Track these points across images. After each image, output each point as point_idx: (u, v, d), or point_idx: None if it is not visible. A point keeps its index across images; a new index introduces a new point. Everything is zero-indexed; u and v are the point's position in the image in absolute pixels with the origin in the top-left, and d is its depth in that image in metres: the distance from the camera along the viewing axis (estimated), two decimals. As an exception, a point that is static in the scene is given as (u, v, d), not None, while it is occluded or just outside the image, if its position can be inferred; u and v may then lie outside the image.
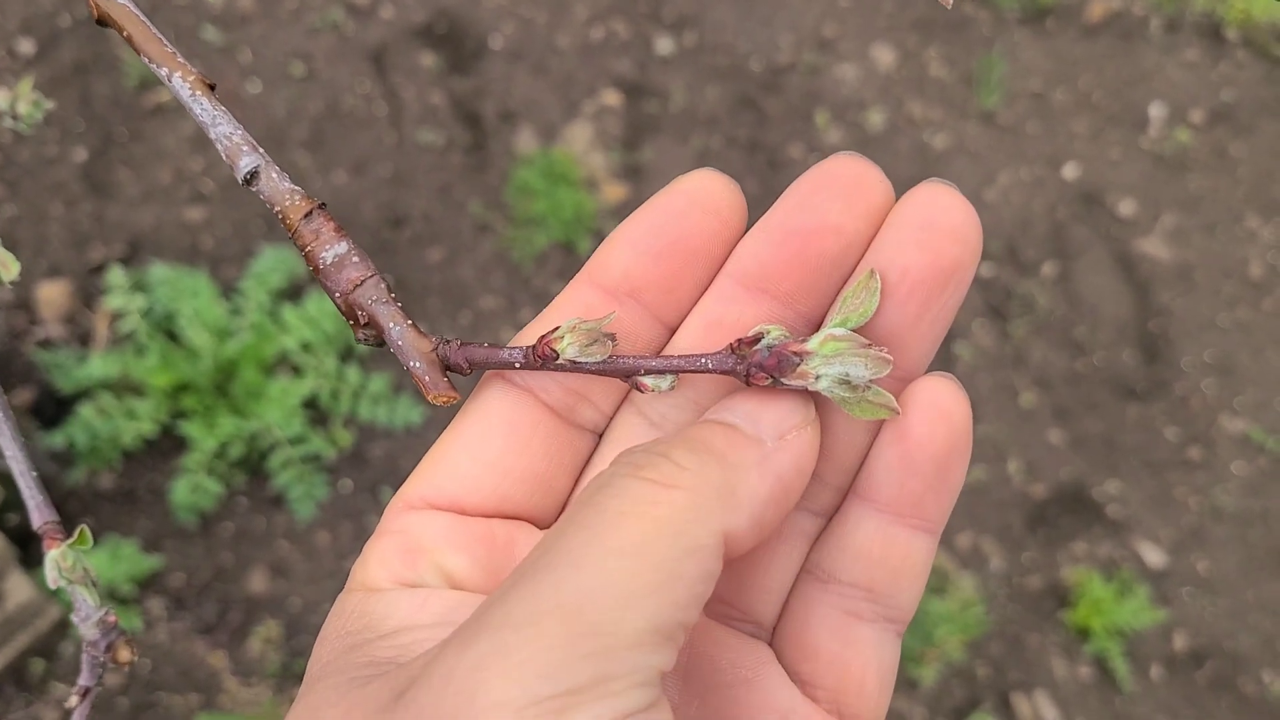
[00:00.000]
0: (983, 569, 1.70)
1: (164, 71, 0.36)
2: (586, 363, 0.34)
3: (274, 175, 0.35)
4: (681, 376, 0.34)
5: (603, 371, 0.34)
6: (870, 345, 0.32)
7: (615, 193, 1.86)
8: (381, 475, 1.63)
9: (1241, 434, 1.84)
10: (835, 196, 0.33)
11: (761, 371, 0.32)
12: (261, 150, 0.35)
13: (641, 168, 1.89)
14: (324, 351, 1.61)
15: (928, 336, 0.34)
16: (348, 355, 1.65)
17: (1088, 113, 2.05)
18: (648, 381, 0.34)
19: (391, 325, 0.35)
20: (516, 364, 0.34)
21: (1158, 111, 2.07)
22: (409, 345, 0.35)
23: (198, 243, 1.73)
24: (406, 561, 0.33)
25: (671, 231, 0.34)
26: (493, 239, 1.80)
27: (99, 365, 1.54)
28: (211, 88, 0.36)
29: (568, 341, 0.33)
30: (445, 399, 0.35)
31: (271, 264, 1.64)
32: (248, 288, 1.63)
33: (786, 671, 0.36)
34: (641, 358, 0.34)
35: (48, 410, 1.56)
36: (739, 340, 0.33)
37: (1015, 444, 1.79)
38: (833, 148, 1.94)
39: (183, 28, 1.86)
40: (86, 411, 1.52)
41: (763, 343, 0.32)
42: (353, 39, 1.90)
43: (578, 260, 1.77)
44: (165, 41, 0.36)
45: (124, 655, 0.41)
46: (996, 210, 1.95)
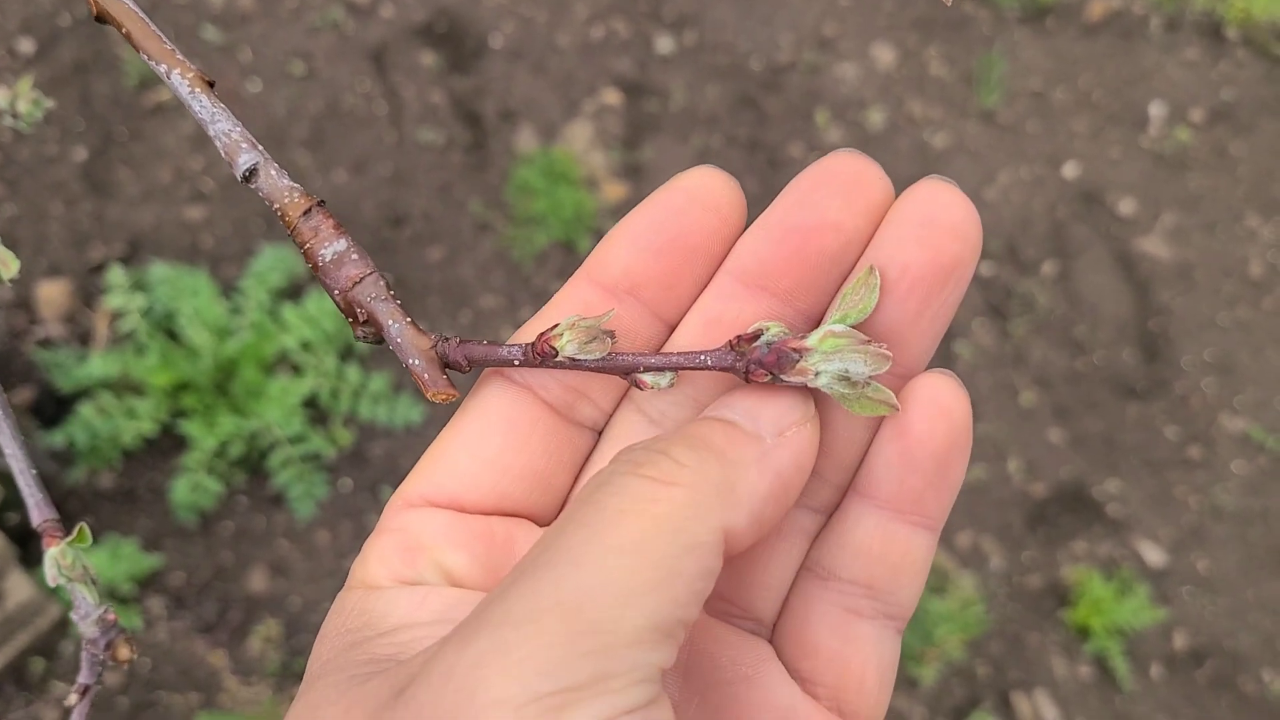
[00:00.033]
0: (983, 568, 1.70)
1: (163, 69, 0.36)
2: (585, 360, 0.34)
3: (273, 172, 0.35)
4: (681, 374, 0.34)
5: (602, 369, 0.34)
6: (870, 342, 0.32)
7: (615, 192, 1.86)
8: (381, 474, 1.63)
9: (1241, 433, 1.84)
10: (835, 193, 0.33)
11: (761, 368, 0.32)
12: (260, 147, 0.35)
13: (642, 167, 1.89)
14: (324, 350, 1.61)
15: (928, 333, 0.34)
16: (348, 354, 1.65)
17: (1088, 112, 2.05)
18: (647, 379, 0.34)
19: (390, 322, 0.35)
20: (516, 361, 0.34)
21: (1158, 110, 2.07)
22: (408, 342, 0.35)
23: (198, 242, 1.73)
24: (406, 559, 0.33)
25: (671, 228, 0.34)
26: (493, 238, 1.80)
27: (99, 364, 1.54)
28: (210, 85, 0.36)
29: (567, 339, 0.33)
30: (444, 396, 0.35)
31: (271, 263, 1.64)
32: (248, 287, 1.63)
33: (786, 669, 0.35)
34: (641, 355, 0.34)
35: (48, 409, 1.56)
36: (738, 337, 0.33)
37: (1015, 443, 1.79)
38: (833, 147, 1.93)
39: (183, 27, 1.86)
40: (86, 411, 1.52)
41: (762, 339, 0.32)
42: (353, 38, 1.90)
43: (578, 259, 1.76)
44: (164, 39, 0.36)
45: (123, 653, 0.41)
46: (996, 209, 1.95)
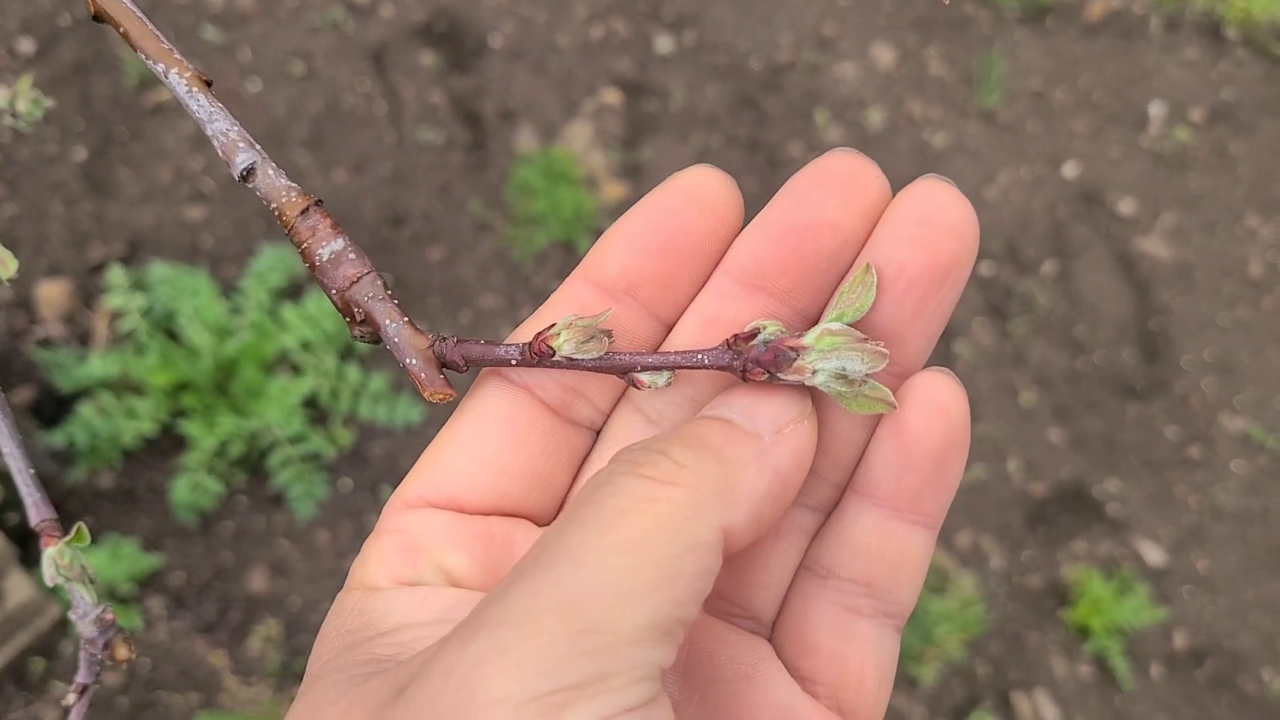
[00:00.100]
0: (983, 567, 1.70)
1: (160, 68, 0.36)
2: (583, 359, 0.34)
3: (270, 172, 0.35)
4: (678, 373, 0.34)
5: (599, 368, 0.34)
6: (867, 340, 0.32)
7: (615, 191, 1.86)
8: (381, 474, 1.63)
9: (1241, 433, 1.84)
10: (832, 193, 0.33)
11: (758, 367, 0.32)
12: (258, 147, 0.35)
13: (641, 166, 1.89)
14: (324, 350, 1.61)
15: (925, 332, 0.34)
16: (347, 354, 1.65)
17: (1088, 112, 2.05)
18: (644, 378, 0.34)
19: (388, 322, 0.35)
20: (513, 361, 0.34)
21: (1157, 110, 2.07)
22: (405, 342, 0.35)
23: (198, 242, 1.73)
24: (405, 560, 0.33)
25: (668, 228, 0.34)
26: (493, 238, 1.80)
27: (99, 364, 1.54)
28: (208, 84, 0.36)
29: (564, 338, 0.33)
30: (442, 396, 0.35)
31: (271, 263, 1.64)
32: (248, 286, 1.63)
33: (786, 667, 0.35)
34: (638, 354, 0.34)
35: (48, 409, 1.56)
36: (735, 336, 0.33)
37: (1015, 443, 1.79)
38: (832, 146, 1.93)
39: (182, 26, 1.86)
40: (86, 411, 1.52)
41: (759, 338, 0.32)
42: (353, 38, 1.90)
43: (577, 259, 1.76)
44: (162, 38, 0.36)
45: (122, 653, 0.41)
46: (996, 209, 1.95)
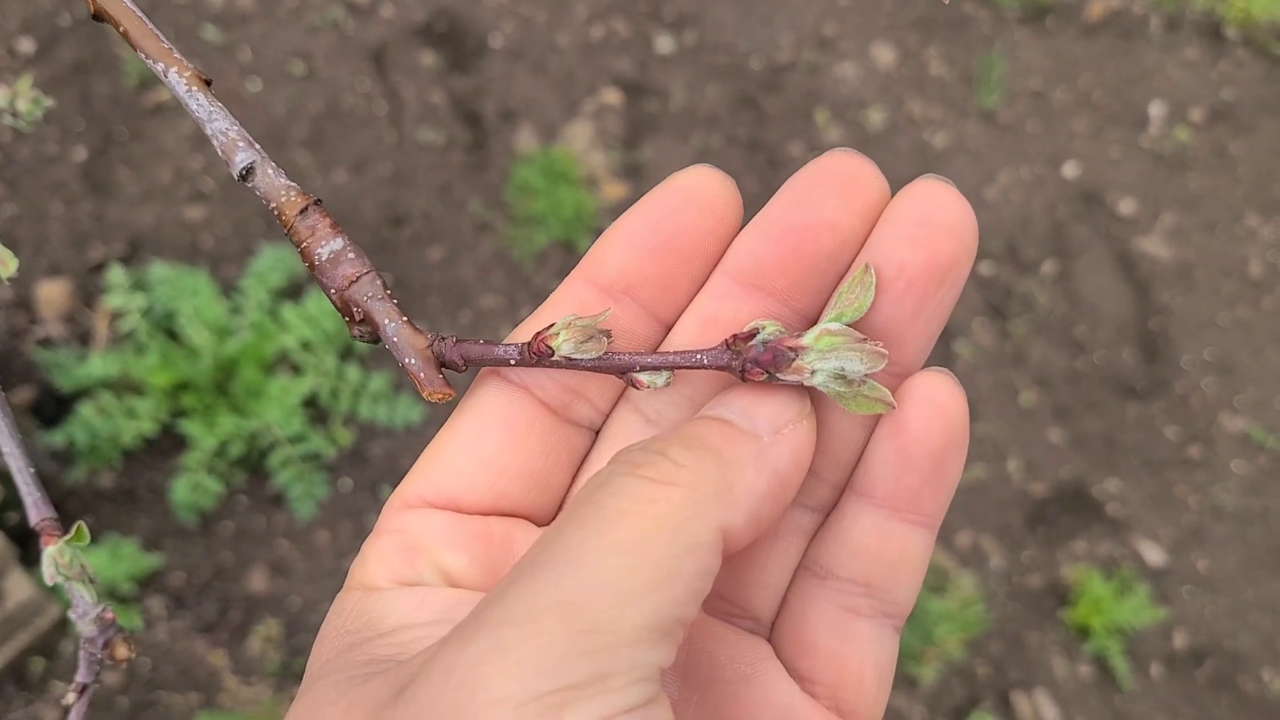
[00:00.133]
0: (982, 567, 1.70)
1: (160, 67, 0.36)
2: (582, 359, 0.34)
3: (269, 171, 0.35)
4: (677, 373, 0.34)
5: (598, 368, 0.34)
6: (866, 340, 0.32)
7: (615, 191, 1.86)
8: (381, 474, 1.63)
9: (1241, 432, 1.84)
10: (831, 193, 0.33)
11: (757, 367, 0.32)
12: (257, 146, 0.35)
13: (641, 166, 1.89)
14: (324, 350, 1.61)
15: (924, 332, 0.34)
16: (347, 354, 1.65)
17: (1088, 111, 2.05)
18: (643, 378, 0.34)
19: (387, 322, 0.35)
20: (512, 361, 0.34)
21: (1157, 110, 2.07)
22: (404, 342, 0.35)
23: (198, 241, 1.73)
24: (405, 560, 0.33)
25: (667, 228, 0.34)
26: (493, 238, 1.80)
27: (99, 364, 1.54)
28: (207, 83, 0.36)
29: (563, 338, 0.33)
30: (440, 396, 0.35)
31: (271, 263, 1.64)
32: (248, 286, 1.63)
33: (785, 667, 0.35)
34: (637, 354, 0.34)
35: (48, 409, 1.56)
36: (734, 336, 0.33)
37: (1015, 442, 1.79)
38: (832, 146, 1.93)
39: (182, 26, 1.86)
40: (86, 410, 1.52)
41: (758, 338, 0.32)
42: (353, 38, 1.90)
43: (578, 259, 1.76)
44: (161, 37, 0.36)
45: (121, 652, 0.41)
46: (996, 209, 1.95)
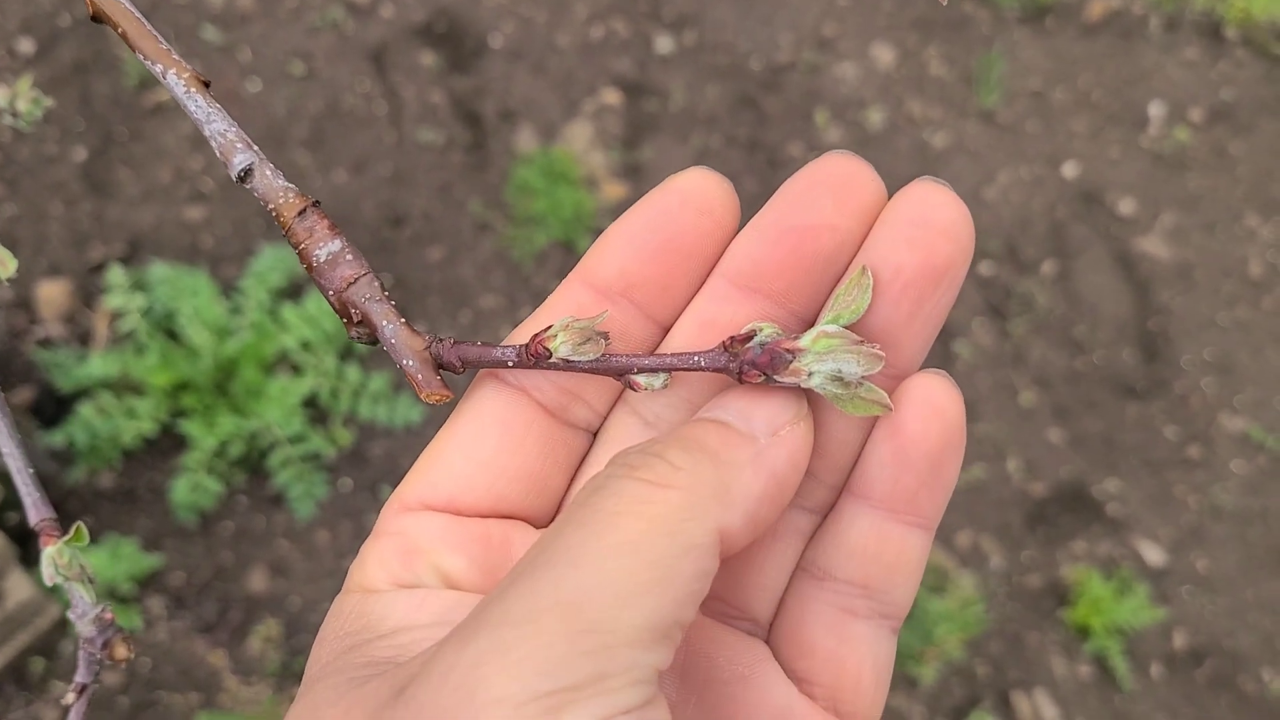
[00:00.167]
0: (982, 567, 1.70)
1: (159, 68, 0.36)
2: (579, 361, 0.34)
3: (268, 173, 0.35)
4: (675, 375, 0.34)
5: (595, 370, 0.34)
6: (863, 342, 0.32)
7: (615, 191, 1.86)
8: (381, 474, 1.63)
9: (1241, 432, 1.84)
10: (827, 195, 0.33)
11: (754, 369, 0.32)
12: (255, 147, 0.35)
13: (641, 166, 1.89)
14: (324, 350, 1.61)
15: (921, 334, 0.34)
16: (347, 354, 1.65)
17: (1087, 111, 2.05)
18: (641, 380, 0.34)
19: (384, 323, 0.35)
20: (509, 362, 0.34)
21: (1157, 110, 2.07)
22: (402, 343, 0.35)
23: (197, 242, 1.73)
24: (404, 562, 0.34)
25: (664, 230, 0.34)
26: (493, 238, 1.80)
27: (99, 364, 1.54)
28: (206, 85, 0.36)
29: (561, 340, 0.33)
30: (438, 397, 0.35)
31: (271, 263, 1.64)
32: (247, 286, 1.63)
33: (783, 668, 0.36)
34: (634, 356, 0.34)
35: (48, 409, 1.56)
36: (732, 338, 0.33)
37: (1015, 442, 1.79)
38: (832, 146, 1.93)
39: (182, 26, 1.86)
40: (86, 410, 1.52)
41: (755, 340, 0.32)
42: (353, 38, 1.90)
43: (577, 259, 1.76)
44: (160, 38, 0.36)
45: (121, 652, 0.41)
46: (996, 209, 1.95)
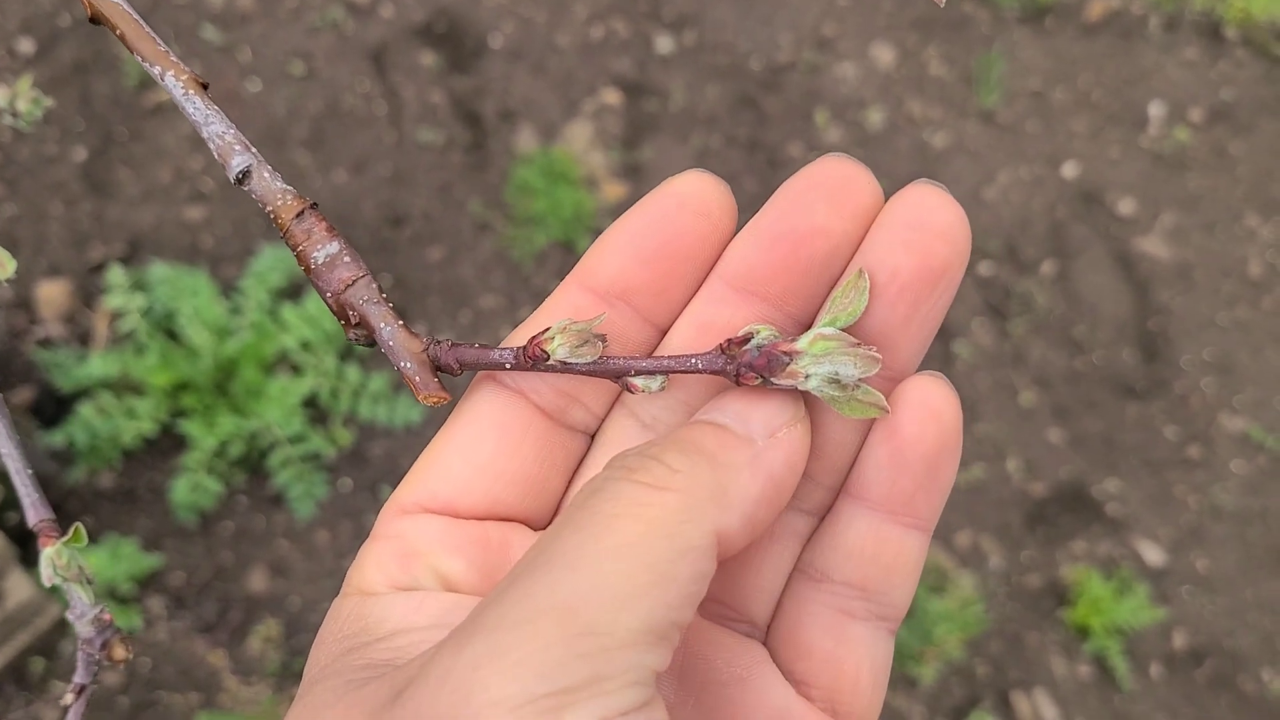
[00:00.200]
0: (982, 567, 1.70)
1: (157, 70, 0.36)
2: (577, 363, 0.34)
3: (266, 175, 0.35)
4: (672, 378, 0.34)
5: (593, 372, 0.34)
6: (859, 344, 0.32)
7: (615, 191, 1.86)
8: (381, 474, 1.63)
9: (1241, 432, 1.84)
10: (824, 198, 0.33)
11: (751, 371, 0.32)
12: (254, 150, 0.35)
13: (641, 167, 1.89)
14: (324, 350, 1.61)
15: (917, 337, 0.34)
16: (347, 354, 1.65)
17: (1087, 111, 2.05)
18: (638, 382, 0.34)
19: (382, 325, 0.35)
20: (507, 365, 0.34)
21: (1157, 110, 2.07)
22: (399, 345, 0.35)
23: (197, 242, 1.73)
24: (402, 565, 0.34)
25: (662, 234, 0.34)
26: (492, 238, 1.80)
27: (99, 364, 1.54)
28: (204, 87, 0.36)
29: (558, 342, 0.33)
30: (436, 399, 0.35)
31: (271, 263, 1.64)
32: (247, 286, 1.63)
33: (781, 670, 0.36)
34: (632, 358, 0.34)
35: (47, 409, 1.56)
36: (729, 340, 0.33)
37: (1014, 442, 1.79)
38: (832, 146, 1.94)
39: (182, 27, 1.86)
40: (86, 411, 1.52)
41: (752, 343, 0.32)
42: (352, 38, 1.90)
43: (577, 259, 1.76)
44: (158, 40, 0.36)
45: (119, 653, 0.41)
46: (996, 209, 1.95)
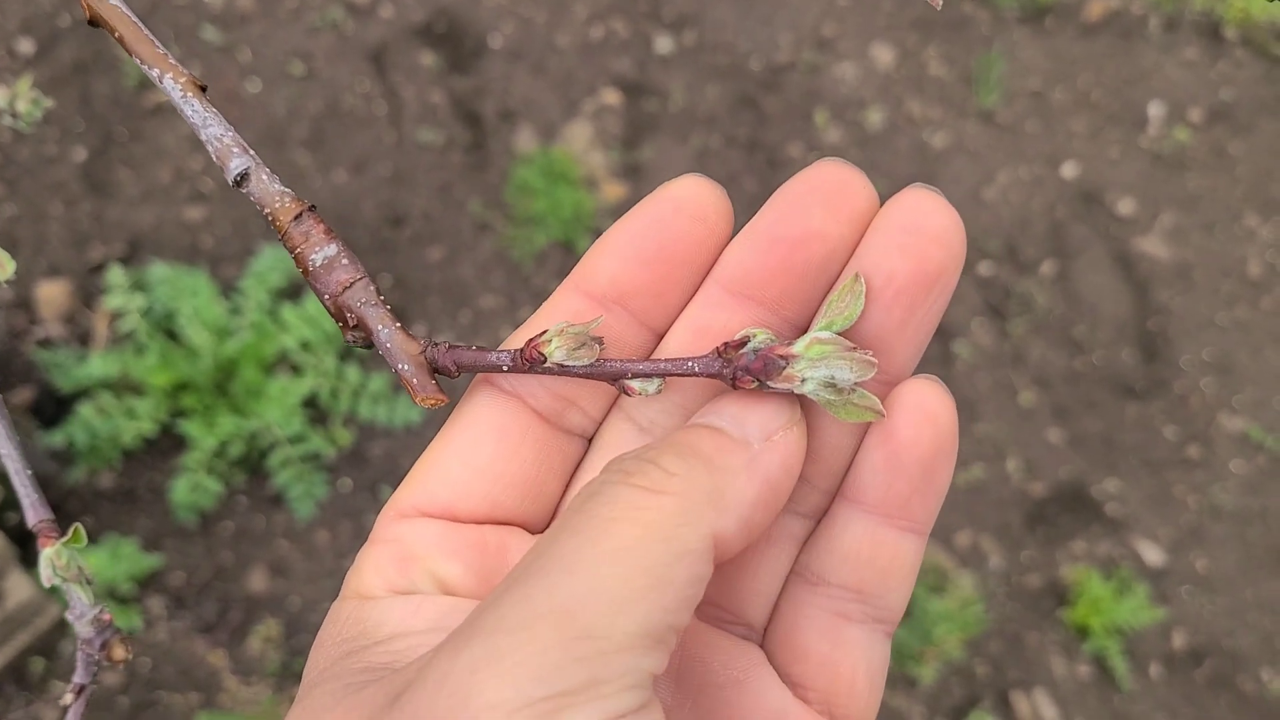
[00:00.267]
0: (982, 567, 1.71)
1: (155, 73, 0.36)
2: (574, 366, 0.34)
3: (264, 177, 0.35)
4: (669, 381, 0.34)
5: (590, 375, 0.34)
6: (855, 348, 0.32)
7: (615, 192, 1.86)
8: (381, 474, 1.63)
9: (1240, 432, 1.84)
10: (820, 203, 0.33)
11: (747, 375, 0.32)
12: (252, 152, 0.35)
13: (641, 167, 1.89)
14: (323, 350, 1.61)
15: (913, 340, 0.34)
16: (347, 354, 1.65)
17: (1087, 112, 2.05)
18: (635, 385, 0.34)
19: (380, 327, 0.35)
20: (504, 367, 0.34)
21: (1156, 110, 2.07)
22: (397, 348, 0.35)
23: (197, 242, 1.73)
24: (400, 569, 0.34)
25: (658, 238, 0.34)
26: (492, 238, 1.80)
27: (99, 364, 1.55)
28: (203, 89, 0.36)
29: (555, 345, 0.33)
30: (433, 401, 0.35)
31: (271, 263, 1.64)
32: (247, 287, 1.63)
33: (777, 673, 0.36)
34: (629, 361, 0.34)
35: (47, 409, 1.56)
36: (725, 344, 0.33)
37: (1014, 442, 1.79)
38: (832, 146, 1.94)
39: (182, 27, 1.86)
40: (86, 411, 1.52)
41: (749, 346, 0.32)
42: (352, 38, 1.90)
43: (577, 259, 1.75)
44: (156, 42, 0.36)
45: (119, 653, 0.41)
46: (995, 209, 1.95)
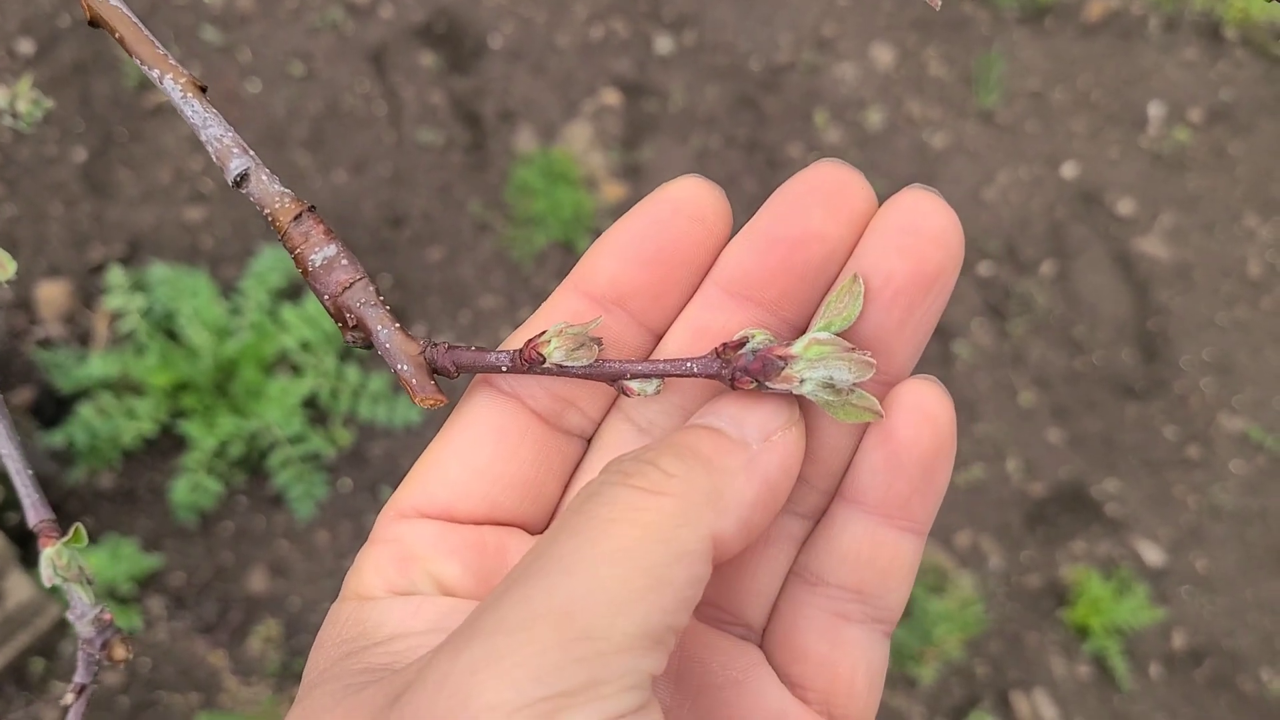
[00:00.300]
0: (982, 567, 1.71)
1: (155, 73, 0.36)
2: (573, 366, 0.34)
3: (264, 177, 0.35)
4: (668, 382, 0.34)
5: (589, 375, 0.34)
6: (854, 349, 0.32)
7: (614, 192, 1.86)
8: (381, 474, 1.63)
9: (1240, 432, 1.84)
10: (818, 204, 0.33)
11: (746, 375, 0.32)
12: (252, 153, 0.35)
13: (641, 167, 1.89)
14: (323, 351, 1.61)
15: (911, 341, 0.34)
16: (347, 354, 1.65)
17: (1086, 112, 2.05)
18: (634, 385, 0.34)
19: (379, 328, 0.35)
20: (503, 368, 0.34)
21: (1156, 110, 2.07)
22: (396, 348, 0.35)
23: (197, 242, 1.73)
24: (399, 569, 0.34)
25: (657, 239, 0.34)
26: (492, 238, 1.80)
27: (99, 365, 1.55)
28: (203, 90, 0.36)
29: (554, 345, 0.33)
30: (432, 402, 0.35)
31: (271, 263, 1.65)
32: (247, 287, 1.63)
33: (777, 673, 0.36)
34: (628, 362, 0.34)
35: (48, 410, 1.56)
36: (724, 345, 0.33)
37: (1014, 443, 1.79)
38: (832, 147, 1.94)
39: (182, 27, 1.86)
40: (86, 411, 1.52)
41: (747, 347, 0.32)
42: (352, 38, 1.90)
43: (577, 259, 1.76)
44: (156, 43, 0.36)
45: (119, 653, 0.41)
46: (995, 209, 1.95)
